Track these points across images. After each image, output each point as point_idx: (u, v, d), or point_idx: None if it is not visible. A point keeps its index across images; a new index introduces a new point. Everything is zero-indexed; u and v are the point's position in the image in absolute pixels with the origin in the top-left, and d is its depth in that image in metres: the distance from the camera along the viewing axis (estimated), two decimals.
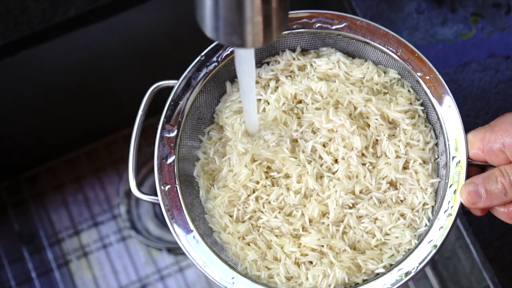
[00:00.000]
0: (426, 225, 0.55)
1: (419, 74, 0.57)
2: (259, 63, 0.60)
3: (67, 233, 0.98)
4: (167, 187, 0.55)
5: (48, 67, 0.78)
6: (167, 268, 0.96)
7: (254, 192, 0.57)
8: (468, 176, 0.54)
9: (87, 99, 0.88)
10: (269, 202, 0.56)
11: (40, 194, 1.00)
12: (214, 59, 0.57)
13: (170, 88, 0.57)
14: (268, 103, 0.59)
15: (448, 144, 0.55)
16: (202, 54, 0.57)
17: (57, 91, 0.84)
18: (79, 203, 1.00)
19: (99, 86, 0.86)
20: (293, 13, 0.58)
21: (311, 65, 0.60)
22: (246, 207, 0.56)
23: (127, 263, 0.97)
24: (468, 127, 0.55)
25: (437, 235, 0.54)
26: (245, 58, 0.50)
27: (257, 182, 0.56)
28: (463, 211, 0.64)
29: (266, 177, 0.57)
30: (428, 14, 0.70)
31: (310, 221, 0.56)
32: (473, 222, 0.64)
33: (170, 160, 0.55)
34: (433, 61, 0.67)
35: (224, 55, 0.57)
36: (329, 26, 0.58)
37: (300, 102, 0.59)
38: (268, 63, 0.60)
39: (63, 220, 0.99)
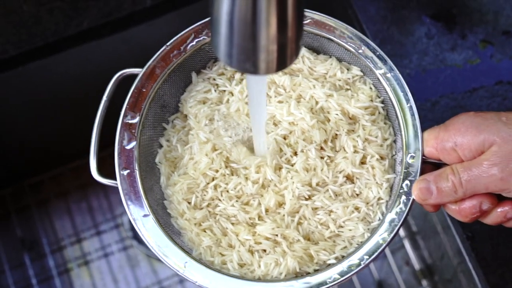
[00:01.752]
0: (379, 219, 0.56)
1: (380, 71, 0.58)
2: None
3: (69, 241, 0.99)
4: (126, 172, 0.56)
5: (58, 77, 0.79)
6: (168, 280, 0.97)
7: (213, 180, 0.58)
8: (423, 173, 0.55)
9: (94, 109, 0.88)
10: (227, 191, 0.57)
11: (44, 201, 1.01)
12: (180, 49, 0.59)
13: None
14: (232, 95, 0.60)
15: (404, 141, 0.56)
16: (168, 43, 0.58)
17: (65, 100, 0.85)
18: (83, 211, 1.01)
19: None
20: None
21: None
22: (204, 195, 0.58)
23: (128, 273, 0.98)
24: None
25: (388, 230, 0.55)
26: (257, 84, 0.50)
27: (217, 171, 0.58)
28: (467, 236, 0.64)
29: (226, 166, 0.58)
30: (438, 39, 0.71)
31: (267, 210, 0.57)
32: (476, 248, 0.65)
33: (130, 146, 0.57)
34: (441, 86, 0.69)
35: (189, 46, 0.59)
36: None
37: None
38: None
39: (66, 227, 1.00)
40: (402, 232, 0.98)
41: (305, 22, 0.59)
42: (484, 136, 0.51)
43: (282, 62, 0.44)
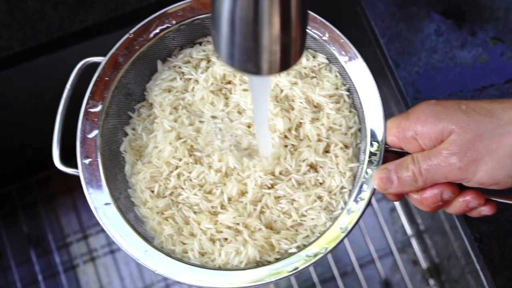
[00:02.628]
0: (342, 208, 0.56)
1: (345, 59, 0.58)
2: (192, 43, 0.61)
3: (75, 237, 0.99)
4: (88, 161, 0.56)
5: (62, 73, 0.78)
6: None
7: (176, 168, 0.58)
8: (385, 161, 0.55)
9: None
10: (190, 179, 0.57)
11: (51, 197, 1.01)
12: (143, 37, 0.58)
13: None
14: (198, 83, 0.60)
15: (367, 130, 0.56)
16: (131, 32, 0.58)
17: (70, 96, 0.84)
18: (89, 207, 0.99)
19: None
20: None
21: None
22: (167, 183, 0.58)
23: (134, 270, 0.98)
24: None
25: (348, 219, 0.54)
26: (260, 85, 0.49)
27: (180, 159, 0.58)
28: (475, 238, 0.64)
29: (190, 155, 0.58)
30: (447, 36, 0.69)
31: (229, 199, 0.57)
32: (484, 250, 0.64)
33: (92, 135, 0.57)
34: (450, 84, 0.67)
35: (152, 34, 0.58)
36: None
37: (229, 82, 0.60)
38: (200, 43, 0.61)
39: (72, 224, 1.00)
40: (409, 231, 0.97)
41: None
42: (443, 125, 0.51)
43: (286, 62, 0.43)
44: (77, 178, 0.97)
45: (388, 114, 0.56)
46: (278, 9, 0.39)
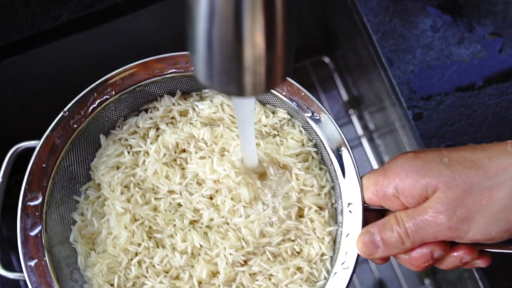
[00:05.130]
0: (325, 277, 0.51)
1: (307, 114, 0.52)
2: (137, 111, 0.55)
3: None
4: (33, 262, 0.49)
5: (35, 73, 0.72)
6: None
7: (136, 255, 0.51)
8: (366, 222, 0.50)
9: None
10: (153, 266, 0.51)
11: None
12: (81, 113, 0.52)
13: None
14: (148, 155, 0.54)
15: (341, 189, 0.51)
16: (65, 109, 0.51)
17: (46, 96, 0.75)
18: None
19: None
20: (167, 56, 0.53)
21: (194, 109, 0.55)
22: (128, 274, 0.51)
23: None
24: None
25: None
26: (243, 104, 0.44)
27: (139, 245, 0.51)
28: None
29: (149, 238, 0.52)
30: (444, 32, 0.65)
31: (200, 283, 0.51)
32: None
33: (35, 232, 0.50)
34: (447, 83, 0.63)
35: (90, 109, 0.52)
36: None
37: (183, 151, 0.54)
38: (146, 110, 0.55)
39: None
40: None
41: None
42: (426, 181, 0.46)
43: (271, 82, 0.38)
44: None
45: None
46: (262, 27, 0.34)
